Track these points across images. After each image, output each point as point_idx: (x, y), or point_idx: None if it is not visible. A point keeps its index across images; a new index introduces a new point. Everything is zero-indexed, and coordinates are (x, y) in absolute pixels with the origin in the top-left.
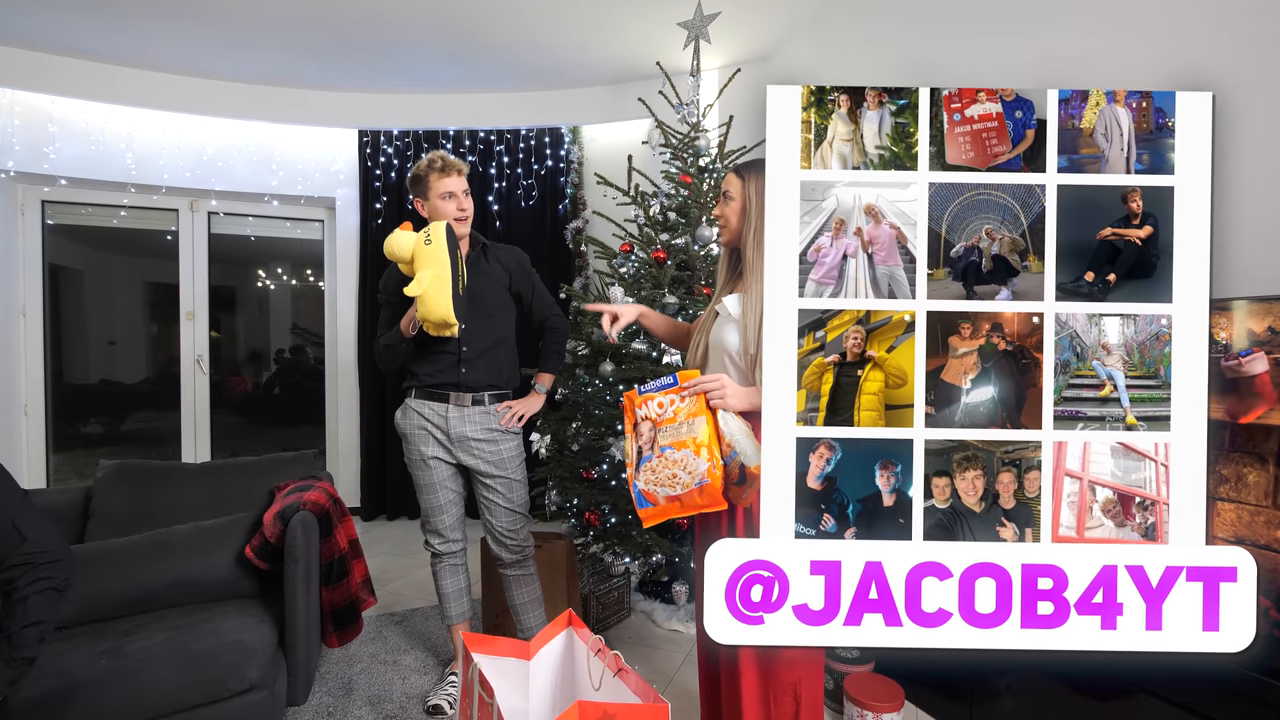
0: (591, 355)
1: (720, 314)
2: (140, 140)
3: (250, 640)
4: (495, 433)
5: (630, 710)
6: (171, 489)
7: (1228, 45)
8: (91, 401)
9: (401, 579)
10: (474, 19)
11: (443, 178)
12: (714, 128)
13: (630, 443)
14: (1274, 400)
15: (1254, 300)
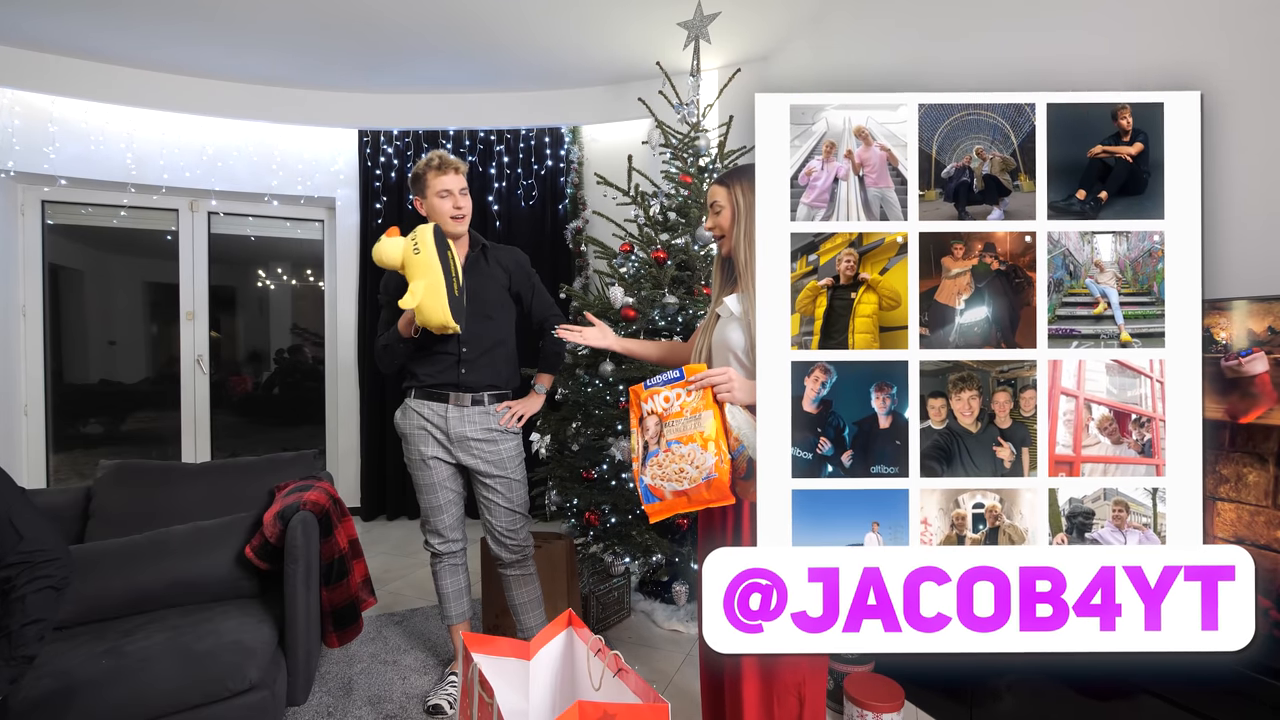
0: (591, 355)
1: (722, 315)
2: (140, 140)
3: (250, 640)
4: (495, 433)
5: (630, 710)
6: (171, 489)
7: (1225, 45)
8: (91, 401)
9: (401, 579)
10: (474, 19)
11: (440, 176)
12: (714, 128)
13: (636, 438)
14: (1274, 400)
15: (1254, 300)
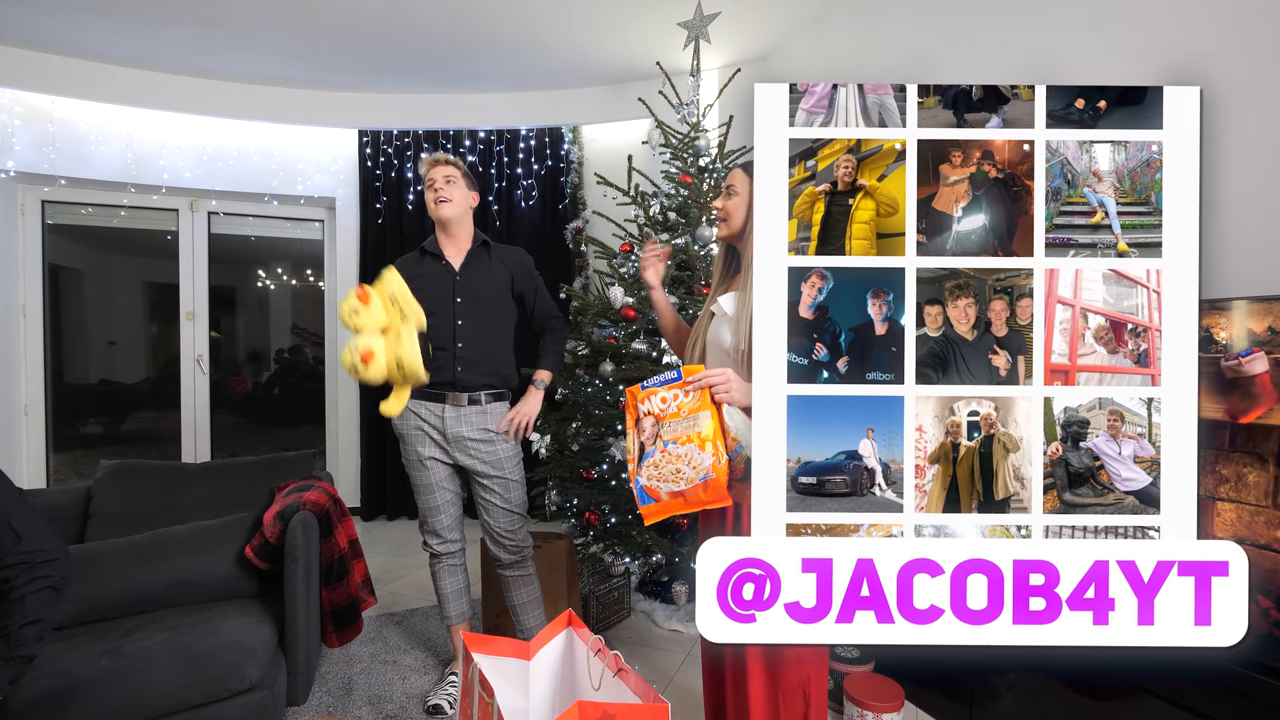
0: (591, 355)
1: (716, 314)
2: (140, 140)
3: (250, 640)
4: (491, 433)
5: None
6: (171, 489)
7: (1225, 42)
8: (91, 401)
9: (401, 579)
10: (475, 19)
11: (429, 169)
12: (714, 128)
13: (632, 438)
14: (1274, 400)
15: (1254, 300)
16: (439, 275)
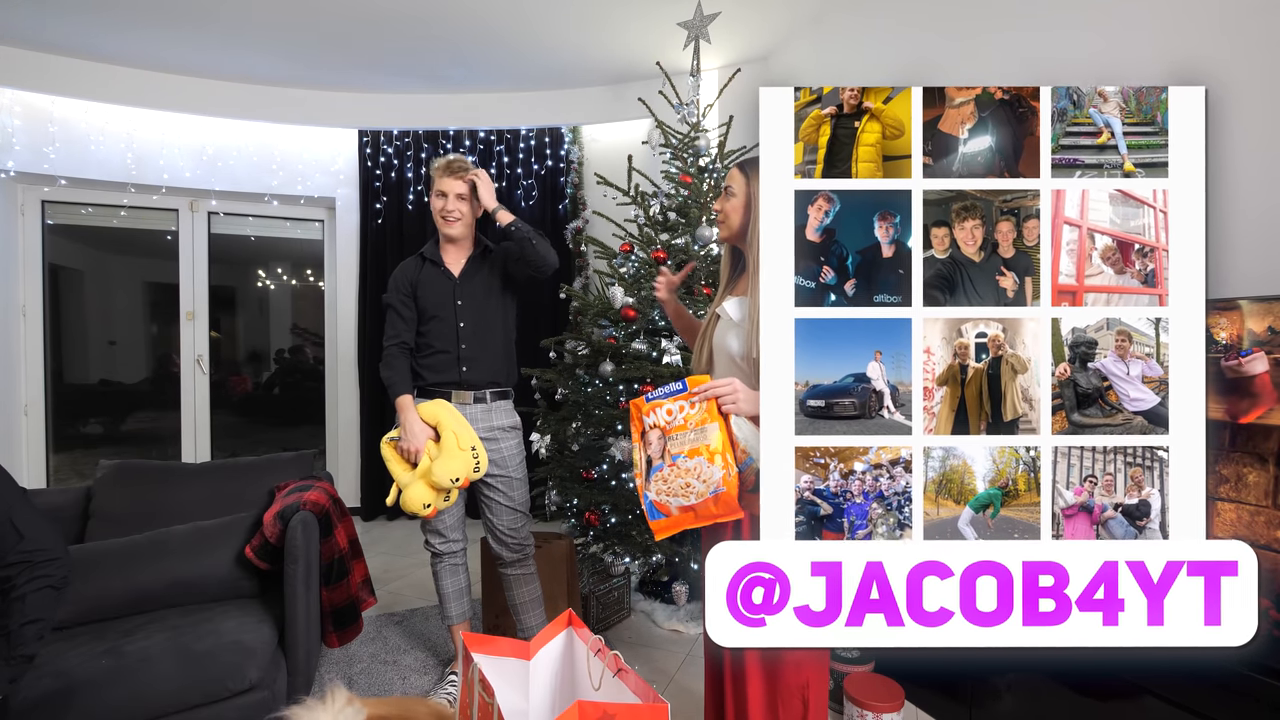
0: (591, 355)
1: (721, 318)
2: (140, 140)
3: (250, 640)
4: (497, 431)
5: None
6: (171, 489)
7: (1226, 43)
8: (91, 401)
9: (401, 579)
10: (475, 19)
11: (443, 178)
12: (714, 128)
13: (639, 452)
14: (1274, 400)
15: (1254, 300)
16: (439, 281)
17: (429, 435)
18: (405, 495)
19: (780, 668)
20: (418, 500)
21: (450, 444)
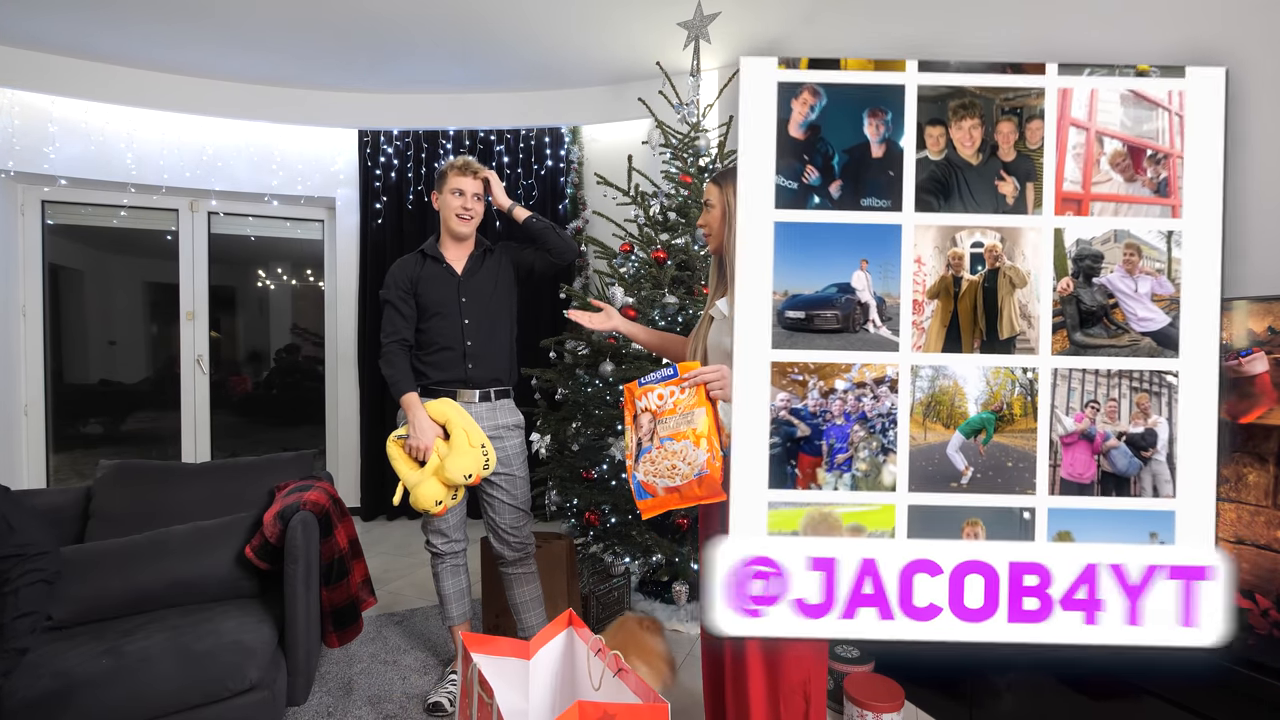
0: (591, 355)
1: (715, 318)
2: (140, 140)
3: (250, 640)
4: (501, 429)
5: (630, 710)
6: (171, 489)
7: (1226, 41)
8: (91, 401)
9: (401, 579)
10: (475, 18)
11: (459, 176)
12: (714, 128)
13: (630, 434)
14: (1274, 400)
15: (1254, 300)
16: (441, 278)
17: (437, 433)
18: (416, 493)
19: (781, 664)
20: (430, 498)
21: (461, 441)
